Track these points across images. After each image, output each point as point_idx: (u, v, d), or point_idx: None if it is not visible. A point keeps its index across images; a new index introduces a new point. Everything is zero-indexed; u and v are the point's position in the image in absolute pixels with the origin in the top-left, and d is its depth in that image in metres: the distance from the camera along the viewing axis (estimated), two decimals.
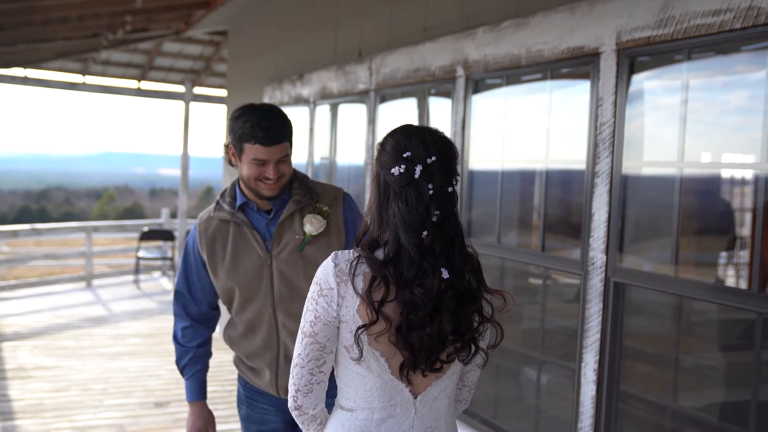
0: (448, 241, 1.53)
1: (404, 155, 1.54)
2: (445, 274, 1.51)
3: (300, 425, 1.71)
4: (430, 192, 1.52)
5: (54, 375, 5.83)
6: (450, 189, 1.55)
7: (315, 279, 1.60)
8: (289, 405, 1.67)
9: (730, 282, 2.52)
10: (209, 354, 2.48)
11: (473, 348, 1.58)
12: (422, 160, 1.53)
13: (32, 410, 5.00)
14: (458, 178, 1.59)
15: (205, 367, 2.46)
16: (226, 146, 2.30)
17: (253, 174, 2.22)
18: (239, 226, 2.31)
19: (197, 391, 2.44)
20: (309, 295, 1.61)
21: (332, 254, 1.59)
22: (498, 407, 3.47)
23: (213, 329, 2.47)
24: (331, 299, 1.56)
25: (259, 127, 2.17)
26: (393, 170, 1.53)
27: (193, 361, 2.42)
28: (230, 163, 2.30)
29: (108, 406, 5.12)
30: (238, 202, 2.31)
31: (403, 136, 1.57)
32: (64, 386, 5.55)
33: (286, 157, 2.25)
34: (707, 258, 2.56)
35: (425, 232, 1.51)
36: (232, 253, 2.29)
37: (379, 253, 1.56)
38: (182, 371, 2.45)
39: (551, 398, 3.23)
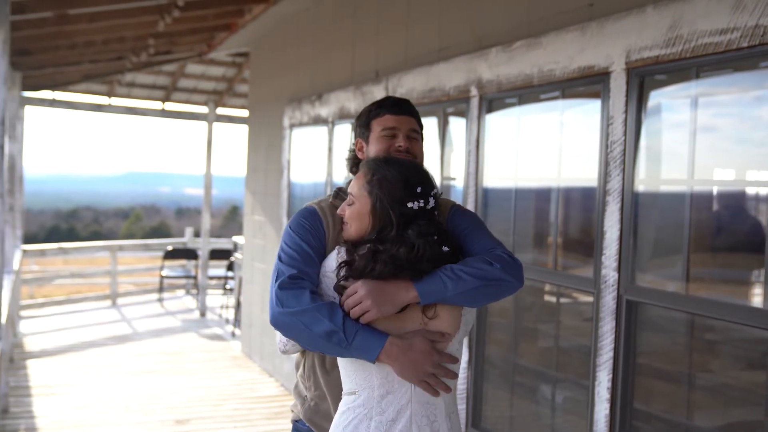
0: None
1: (417, 190, 1.79)
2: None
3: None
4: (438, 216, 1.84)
5: (78, 392, 5.92)
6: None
7: (322, 271, 1.85)
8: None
9: (746, 301, 2.51)
10: None
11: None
12: (432, 192, 1.82)
13: (56, 427, 5.07)
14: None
15: None
16: (351, 149, 2.17)
17: (384, 147, 2.04)
18: None
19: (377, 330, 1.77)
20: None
21: (337, 247, 1.86)
22: (513, 424, 3.46)
23: None
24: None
25: (387, 100, 2.10)
26: (410, 204, 1.77)
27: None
28: (354, 165, 2.11)
29: (130, 423, 5.18)
30: None
31: (407, 169, 1.82)
32: (88, 403, 5.62)
33: (417, 134, 2.08)
34: (720, 276, 2.55)
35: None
36: None
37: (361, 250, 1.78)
38: (344, 332, 1.73)
39: (566, 416, 3.22)
